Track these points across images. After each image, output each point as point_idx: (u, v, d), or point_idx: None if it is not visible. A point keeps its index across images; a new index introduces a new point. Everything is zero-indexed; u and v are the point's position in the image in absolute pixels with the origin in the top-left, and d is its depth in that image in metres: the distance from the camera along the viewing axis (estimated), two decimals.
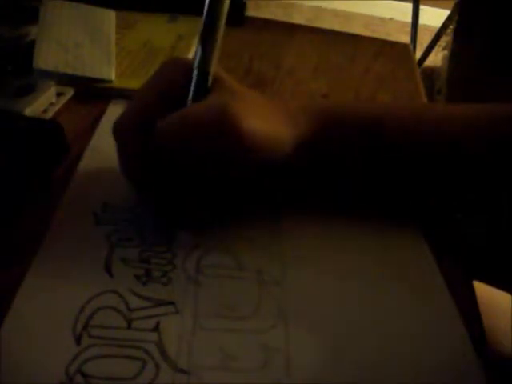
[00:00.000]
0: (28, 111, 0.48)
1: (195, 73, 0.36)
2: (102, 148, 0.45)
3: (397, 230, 0.40)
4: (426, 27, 2.06)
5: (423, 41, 1.89)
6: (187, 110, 0.35)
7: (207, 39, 0.36)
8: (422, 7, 1.92)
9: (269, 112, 0.38)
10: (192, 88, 0.36)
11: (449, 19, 1.70)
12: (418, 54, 1.83)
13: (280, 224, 0.40)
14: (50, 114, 0.50)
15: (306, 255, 0.38)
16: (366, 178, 0.41)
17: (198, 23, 0.36)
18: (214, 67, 0.36)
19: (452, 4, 1.50)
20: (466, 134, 0.40)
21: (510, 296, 0.56)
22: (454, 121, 0.41)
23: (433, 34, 1.87)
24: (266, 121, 0.36)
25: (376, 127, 0.40)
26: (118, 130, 0.36)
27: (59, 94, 0.52)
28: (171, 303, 0.33)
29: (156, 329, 0.31)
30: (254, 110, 0.36)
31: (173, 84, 0.37)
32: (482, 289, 0.55)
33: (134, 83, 0.54)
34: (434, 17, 2.14)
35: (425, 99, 0.63)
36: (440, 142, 0.40)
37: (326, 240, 0.39)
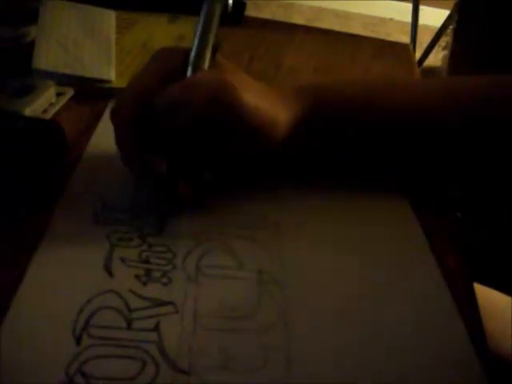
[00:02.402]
0: (28, 111, 0.48)
1: (190, 69, 0.37)
2: (102, 148, 0.45)
3: (397, 229, 0.40)
4: (426, 27, 2.06)
5: (423, 41, 1.89)
6: (187, 78, 0.37)
7: (202, 39, 0.38)
8: (421, 7, 1.92)
9: (264, 94, 0.39)
10: None
11: (449, 19, 1.70)
12: (418, 54, 1.83)
13: (280, 224, 0.40)
14: (49, 114, 0.50)
15: (305, 255, 0.38)
16: (357, 151, 0.44)
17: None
18: (207, 63, 0.38)
19: (452, 4, 1.50)
20: (447, 108, 0.43)
21: (509, 298, 0.56)
22: (437, 96, 0.44)
23: (433, 34, 1.87)
24: (262, 100, 0.38)
25: (362, 106, 0.43)
26: (118, 111, 0.37)
27: (59, 94, 0.52)
28: (171, 303, 0.33)
29: (156, 329, 0.31)
30: (252, 89, 0.38)
31: (169, 68, 0.38)
32: (482, 291, 0.55)
33: None
34: (433, 17, 2.14)
35: None
36: (422, 117, 0.43)
37: (326, 240, 0.39)
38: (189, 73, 0.37)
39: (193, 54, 0.38)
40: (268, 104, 0.39)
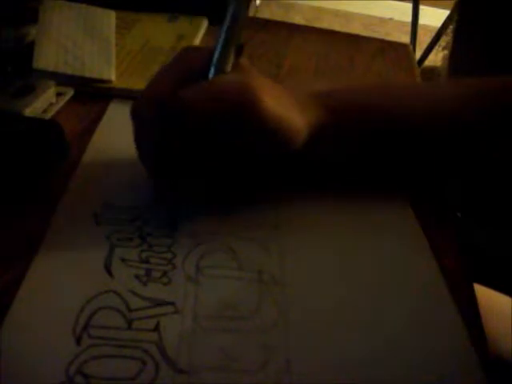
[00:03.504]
0: (28, 111, 0.48)
1: (212, 70, 0.37)
2: (102, 148, 0.45)
3: (397, 229, 0.40)
4: (426, 27, 2.07)
5: (423, 41, 1.89)
6: (210, 80, 0.37)
7: (226, 40, 0.37)
8: (421, 7, 1.92)
9: (283, 99, 0.39)
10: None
11: (449, 19, 1.70)
12: (418, 54, 1.83)
13: (280, 224, 0.40)
14: (49, 114, 0.50)
15: (305, 255, 0.38)
16: (369, 159, 0.44)
17: (198, 23, 0.36)
18: (230, 65, 0.38)
19: (452, 4, 1.50)
20: (463, 110, 0.43)
21: (509, 298, 0.56)
22: (452, 99, 0.44)
23: (433, 34, 1.87)
24: (282, 106, 0.38)
25: (378, 113, 0.43)
26: (136, 112, 0.37)
27: (59, 94, 0.52)
28: (171, 303, 0.33)
29: (156, 329, 0.31)
30: (272, 94, 0.37)
31: (191, 68, 0.38)
32: (482, 291, 0.55)
33: (134, 83, 0.54)
34: (434, 17, 2.14)
35: None
36: (440, 121, 0.43)
37: (325, 240, 0.39)
38: (211, 74, 0.37)
39: (216, 54, 0.37)
40: (286, 111, 0.38)
